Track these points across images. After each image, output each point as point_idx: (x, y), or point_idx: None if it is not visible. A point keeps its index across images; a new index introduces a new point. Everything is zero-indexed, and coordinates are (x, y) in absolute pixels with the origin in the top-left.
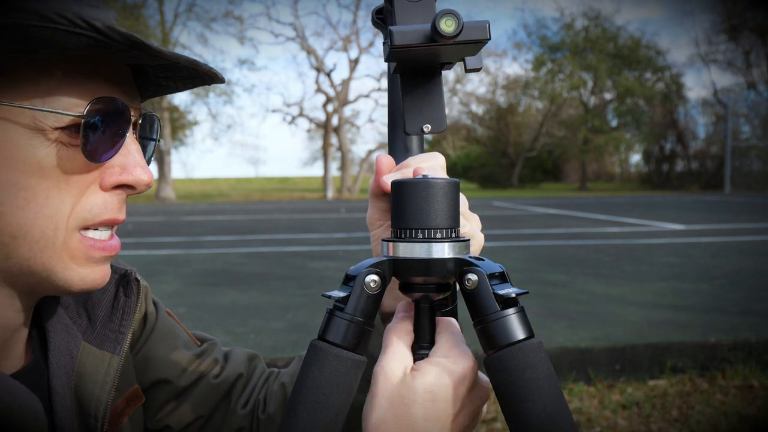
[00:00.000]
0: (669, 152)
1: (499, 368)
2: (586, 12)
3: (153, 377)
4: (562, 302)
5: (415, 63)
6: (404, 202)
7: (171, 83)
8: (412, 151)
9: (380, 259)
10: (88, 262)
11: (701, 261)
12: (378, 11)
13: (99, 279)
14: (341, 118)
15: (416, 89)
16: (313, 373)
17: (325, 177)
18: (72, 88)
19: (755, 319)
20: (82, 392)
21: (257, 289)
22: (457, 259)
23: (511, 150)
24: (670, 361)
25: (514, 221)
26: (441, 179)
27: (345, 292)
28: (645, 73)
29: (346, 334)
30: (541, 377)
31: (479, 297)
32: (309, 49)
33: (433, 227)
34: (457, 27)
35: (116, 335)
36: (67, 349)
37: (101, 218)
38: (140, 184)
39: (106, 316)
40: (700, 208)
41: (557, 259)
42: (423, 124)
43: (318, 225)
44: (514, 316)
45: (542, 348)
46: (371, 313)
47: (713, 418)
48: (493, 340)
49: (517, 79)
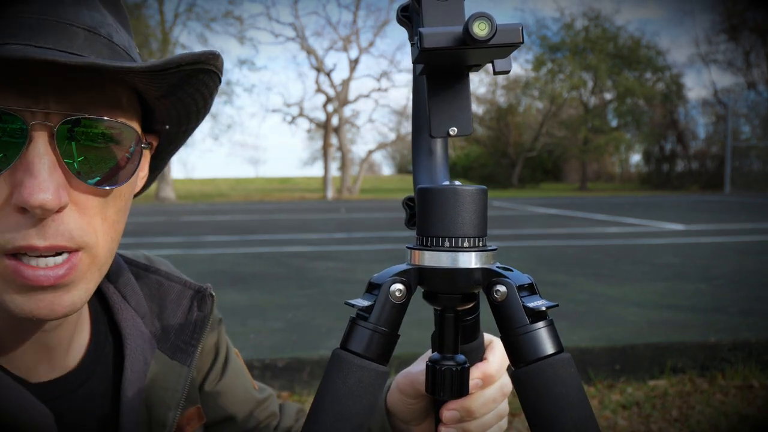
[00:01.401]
0: (669, 152)
1: (528, 383)
2: (586, 12)
3: (224, 413)
4: (562, 302)
5: (443, 65)
6: (431, 210)
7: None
8: (435, 154)
9: (405, 268)
10: (20, 290)
11: (701, 261)
12: (404, 8)
13: (39, 309)
14: (341, 118)
15: (443, 91)
16: (335, 384)
17: (325, 177)
18: None
19: (755, 319)
20: (153, 399)
21: (257, 289)
22: (484, 269)
23: (511, 150)
24: (670, 361)
25: (514, 221)
26: (469, 186)
27: (369, 300)
28: (645, 73)
29: (369, 344)
30: (571, 393)
31: (508, 309)
32: (309, 49)
33: (460, 236)
34: (490, 31)
35: (187, 347)
36: (143, 355)
37: (14, 244)
38: (28, 204)
39: (179, 328)
40: (700, 208)
41: (557, 259)
42: (449, 127)
43: (318, 225)
44: (544, 330)
45: (572, 363)
46: (396, 323)
47: (713, 418)
48: (522, 354)
49: (517, 79)
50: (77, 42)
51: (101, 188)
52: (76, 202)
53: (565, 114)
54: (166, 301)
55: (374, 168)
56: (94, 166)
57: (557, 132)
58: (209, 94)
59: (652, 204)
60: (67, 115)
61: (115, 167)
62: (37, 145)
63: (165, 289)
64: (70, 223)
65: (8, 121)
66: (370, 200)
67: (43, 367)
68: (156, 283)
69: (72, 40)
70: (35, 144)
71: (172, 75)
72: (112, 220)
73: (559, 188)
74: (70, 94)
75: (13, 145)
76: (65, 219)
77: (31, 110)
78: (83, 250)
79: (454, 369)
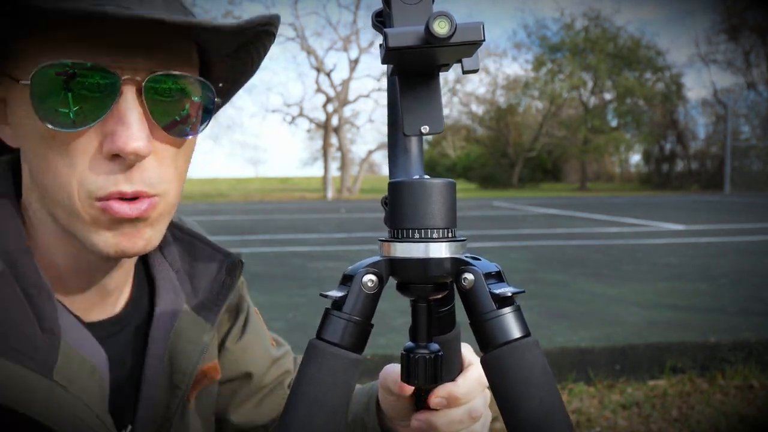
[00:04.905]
0: (669, 152)
1: (495, 367)
2: (586, 12)
3: (241, 370)
4: (562, 302)
5: (411, 65)
6: (401, 203)
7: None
8: (410, 152)
9: (377, 259)
10: (108, 225)
11: (701, 261)
12: (378, 14)
13: (124, 244)
14: (341, 118)
15: (414, 91)
16: (311, 372)
17: (325, 177)
18: (53, 53)
19: (755, 319)
20: (176, 349)
21: (257, 289)
22: (453, 259)
23: (511, 150)
24: (670, 361)
25: (514, 221)
26: (438, 180)
27: (342, 291)
28: (645, 73)
29: (344, 334)
30: (537, 374)
31: (476, 296)
32: (309, 49)
33: (430, 227)
34: (450, 29)
35: (213, 306)
36: (172, 308)
37: (106, 191)
38: (123, 151)
39: (207, 288)
40: (700, 208)
41: (557, 259)
42: (421, 125)
43: (318, 225)
44: (511, 315)
45: (538, 346)
46: (369, 313)
47: (713, 418)
48: (489, 339)
49: (517, 80)
50: (157, 4)
51: (178, 138)
52: (155, 152)
53: (565, 114)
54: (197, 261)
55: (374, 168)
56: (172, 117)
57: (557, 132)
58: (264, 54)
59: (652, 204)
60: (153, 71)
61: (188, 118)
62: (127, 98)
63: (197, 250)
64: (151, 171)
65: (102, 77)
66: (370, 200)
67: (96, 310)
68: (189, 243)
69: (153, 2)
70: (125, 97)
71: (245, 35)
72: (181, 170)
73: (559, 188)
74: (155, 52)
75: (105, 98)
76: (147, 167)
77: (122, 66)
78: (159, 196)
79: (428, 357)
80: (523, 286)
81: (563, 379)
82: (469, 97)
